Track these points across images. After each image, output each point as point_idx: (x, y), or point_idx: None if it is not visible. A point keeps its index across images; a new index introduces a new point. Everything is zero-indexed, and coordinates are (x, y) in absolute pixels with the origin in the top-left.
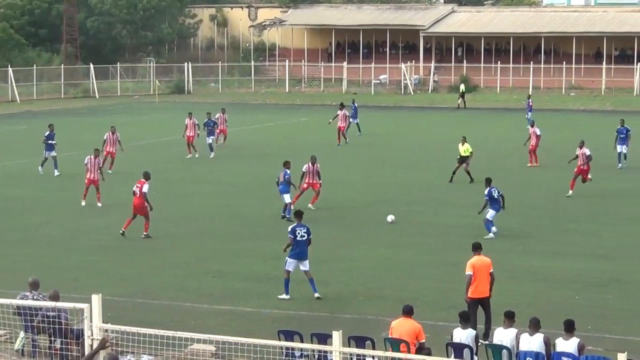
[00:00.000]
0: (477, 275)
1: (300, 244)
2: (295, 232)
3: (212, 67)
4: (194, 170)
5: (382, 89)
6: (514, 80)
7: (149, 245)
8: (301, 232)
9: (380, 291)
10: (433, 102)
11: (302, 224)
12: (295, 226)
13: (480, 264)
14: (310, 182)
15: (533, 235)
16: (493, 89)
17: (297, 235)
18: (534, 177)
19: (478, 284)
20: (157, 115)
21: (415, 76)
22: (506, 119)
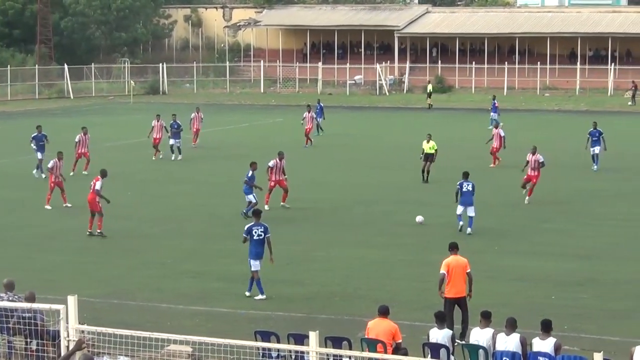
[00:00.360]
0: (452, 274)
1: (258, 243)
2: (251, 232)
3: (187, 67)
4: (170, 171)
5: (357, 90)
6: (488, 80)
7: (125, 246)
8: (258, 231)
9: (357, 291)
10: (408, 103)
11: (260, 223)
12: (252, 225)
13: (456, 264)
14: (277, 180)
15: (509, 235)
16: (468, 90)
17: (253, 235)
18: (509, 178)
19: (454, 284)
20: (132, 116)
21: (390, 76)
22: (481, 120)
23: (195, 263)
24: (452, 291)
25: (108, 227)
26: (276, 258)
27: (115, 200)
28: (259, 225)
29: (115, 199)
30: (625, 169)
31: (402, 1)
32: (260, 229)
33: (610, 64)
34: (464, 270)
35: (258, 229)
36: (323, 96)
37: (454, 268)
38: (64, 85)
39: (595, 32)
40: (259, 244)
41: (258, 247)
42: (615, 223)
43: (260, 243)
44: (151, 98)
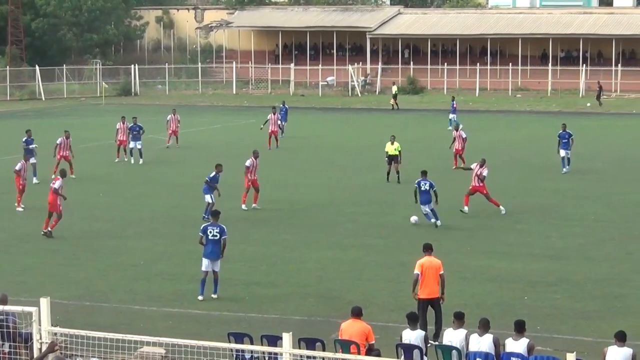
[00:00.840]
0: (425, 275)
1: (212, 243)
2: (206, 231)
3: (159, 68)
4: (141, 173)
5: (330, 91)
6: (460, 81)
7: (97, 248)
8: (213, 231)
9: (330, 292)
10: (380, 104)
11: (217, 224)
12: (208, 225)
13: (429, 265)
14: (252, 179)
15: (481, 236)
16: (440, 90)
17: (208, 234)
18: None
19: (427, 285)
20: (104, 118)
21: (363, 78)
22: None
23: (168, 264)
24: (425, 292)
25: (79, 228)
26: (251, 260)
27: (88, 201)
28: (216, 226)
29: (87, 201)
30: (596, 170)
31: (374, 2)
32: (216, 229)
33: (582, 65)
34: (438, 272)
35: (214, 229)
36: (295, 97)
37: (427, 269)
38: (36, 86)
39: (567, 34)
40: (213, 243)
41: (212, 246)
42: (585, 224)
43: (215, 243)
44: (123, 99)
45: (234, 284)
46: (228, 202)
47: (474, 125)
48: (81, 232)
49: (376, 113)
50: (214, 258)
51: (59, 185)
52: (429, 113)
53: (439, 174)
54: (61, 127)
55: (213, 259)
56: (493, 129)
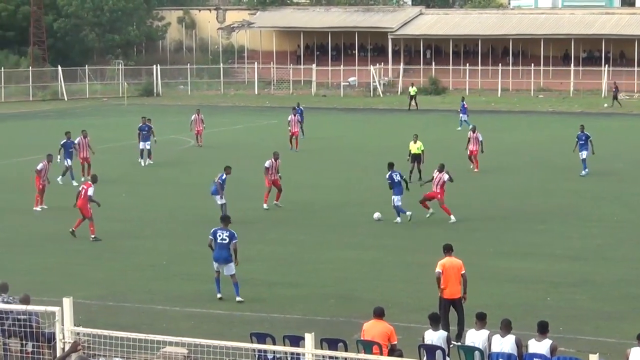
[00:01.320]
0: (447, 275)
1: (220, 247)
2: (215, 235)
3: (181, 69)
4: (162, 173)
5: (352, 91)
6: (482, 82)
7: (118, 248)
8: (222, 235)
9: (351, 293)
10: (402, 104)
11: (226, 229)
12: (218, 229)
13: (450, 265)
14: (273, 179)
15: (503, 237)
16: (462, 91)
17: (217, 238)
18: (501, 180)
19: (449, 285)
20: (126, 118)
21: (385, 78)
22: (475, 121)
23: (189, 265)
24: (447, 292)
25: (101, 229)
26: (271, 259)
27: (108, 202)
28: (225, 230)
29: (109, 201)
30: (616, 171)
31: (396, 3)
32: (226, 233)
33: (604, 65)
34: (459, 272)
35: (223, 233)
36: (317, 98)
37: (448, 269)
38: (58, 87)
39: (589, 34)
40: (221, 247)
41: (220, 250)
42: (605, 224)
43: (223, 247)
44: (145, 100)
45: (256, 284)
46: (248, 202)
47: (496, 125)
48: (102, 232)
49: (398, 113)
50: (222, 262)
51: (92, 192)
52: (450, 113)
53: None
54: (83, 127)
55: (221, 263)
56: (515, 130)
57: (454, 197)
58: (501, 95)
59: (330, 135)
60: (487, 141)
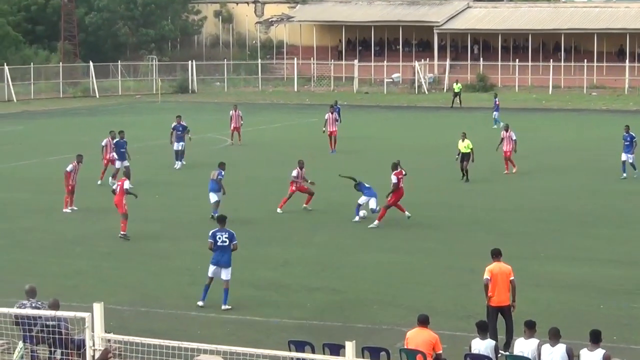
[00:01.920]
0: (495, 282)
1: (220, 249)
2: (215, 237)
3: (217, 65)
4: (197, 173)
5: (395, 88)
6: (532, 79)
7: (151, 251)
8: (222, 237)
9: (394, 299)
10: (449, 102)
11: (225, 229)
12: (217, 231)
13: (499, 271)
14: (299, 187)
15: (554, 241)
16: (511, 88)
17: (217, 240)
18: (549, 180)
19: (497, 292)
20: (160, 116)
21: (430, 75)
22: (525, 120)
23: None
24: (495, 299)
25: (133, 230)
26: (312, 264)
27: (141, 203)
28: (224, 231)
29: (142, 202)
30: None
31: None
32: (225, 234)
33: None
34: (508, 278)
35: (223, 235)
36: (359, 95)
37: (497, 275)
38: (89, 83)
39: None
40: (222, 250)
41: (220, 253)
42: None
43: (224, 249)
44: (180, 97)
45: (295, 290)
46: (289, 205)
47: (547, 124)
48: (134, 234)
49: (444, 111)
50: (223, 265)
51: (128, 185)
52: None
53: (502, 176)
54: (116, 126)
55: (222, 266)
56: (566, 129)
57: (501, 199)
58: (552, 92)
59: (372, 135)
60: (537, 141)
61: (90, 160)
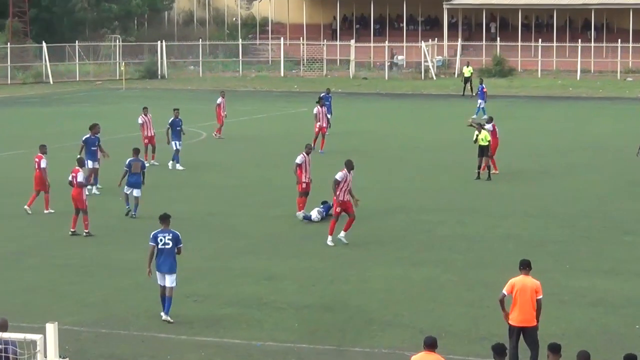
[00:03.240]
0: (517, 298)
1: (163, 253)
2: (157, 239)
3: (191, 46)
4: (172, 173)
5: (398, 73)
6: (558, 62)
7: (117, 263)
8: (165, 239)
9: (396, 318)
10: (460, 89)
11: (168, 230)
12: (158, 232)
13: (522, 286)
14: (308, 180)
15: (582, 250)
16: (533, 73)
17: (159, 243)
18: (578, 180)
19: (519, 309)
20: (124, 105)
21: (438, 57)
22: (548, 110)
23: (201, 284)
24: (517, 318)
25: (95, 240)
26: (303, 277)
27: (107, 208)
28: (167, 232)
29: (108, 207)
30: None
31: None
32: (168, 236)
33: None
34: (533, 295)
35: (165, 236)
36: (356, 81)
37: (520, 290)
38: (42, 67)
39: None
40: (165, 254)
41: (163, 257)
42: None
43: (168, 253)
44: (147, 83)
45: (282, 308)
46: (277, 209)
47: (574, 115)
48: (95, 244)
49: (455, 100)
50: (166, 270)
51: (82, 177)
52: (519, 100)
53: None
54: (72, 117)
55: (165, 272)
56: (597, 120)
57: (521, 202)
58: (581, 77)
59: (372, 127)
60: (563, 135)
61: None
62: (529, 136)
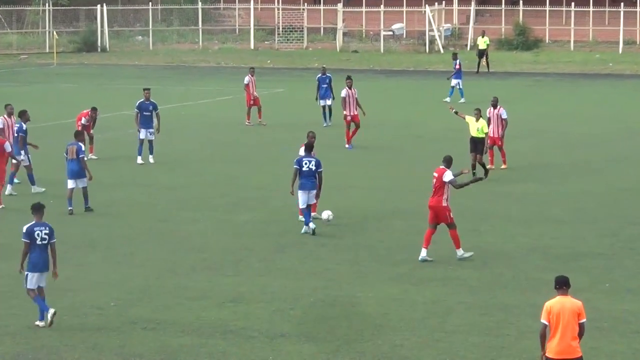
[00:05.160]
0: (556, 325)
1: (39, 250)
2: (32, 234)
3: (138, 11)
4: (117, 171)
5: (397, 45)
6: (595, 31)
7: (48, 283)
8: (42, 233)
9: (395, 351)
10: (472, 64)
11: (44, 223)
12: (34, 226)
13: (561, 309)
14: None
15: (626, 266)
16: (565, 45)
17: (36, 239)
18: (623, 176)
19: (559, 339)
20: (56, 85)
21: (447, 25)
22: (583, 90)
23: (150, 307)
24: (555, 349)
25: (16, 247)
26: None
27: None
28: (42, 225)
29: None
30: None
31: None
32: (45, 230)
33: None
34: (576, 319)
35: (42, 230)
36: (345, 55)
37: (557, 315)
38: None
39: None
40: (40, 250)
41: (39, 253)
42: None
43: (43, 249)
44: (85, 57)
45: (251, 337)
46: (246, 214)
47: (615, 96)
48: (16, 253)
49: (468, 78)
50: (42, 268)
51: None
52: (547, 79)
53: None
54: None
55: (41, 269)
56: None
57: (547, 205)
58: (624, 50)
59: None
60: (601, 120)
61: None
62: (558, 123)
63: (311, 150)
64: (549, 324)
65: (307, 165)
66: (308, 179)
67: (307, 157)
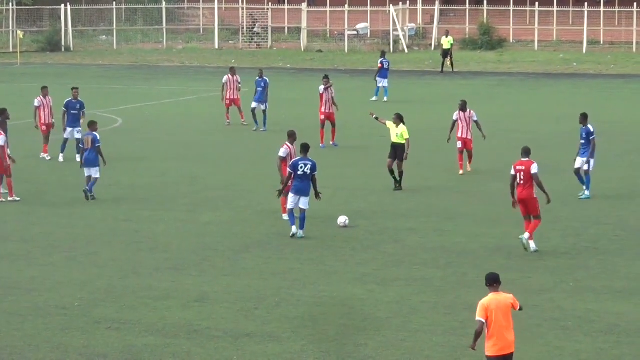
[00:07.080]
0: (493, 321)
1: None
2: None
3: (103, 11)
4: (80, 170)
5: (361, 45)
6: (559, 31)
7: (11, 283)
8: (305, 167)
9: (359, 351)
10: (437, 64)
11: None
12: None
13: (496, 306)
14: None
15: (589, 265)
16: (529, 45)
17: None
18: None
19: (498, 335)
20: (20, 85)
21: (411, 25)
22: (547, 90)
23: (115, 307)
24: (495, 346)
25: None
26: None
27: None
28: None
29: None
30: None
31: None
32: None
33: None
34: (510, 312)
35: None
36: (309, 55)
37: (494, 312)
38: None
39: None
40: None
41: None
42: None
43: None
44: (49, 57)
45: (216, 337)
46: (209, 213)
47: (580, 96)
48: None
49: (430, 78)
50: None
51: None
52: (511, 78)
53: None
54: None
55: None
56: (608, 103)
57: (499, 203)
58: (588, 50)
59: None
60: (566, 122)
61: None
62: (523, 122)
63: (307, 151)
64: (486, 321)
65: (303, 169)
66: (302, 181)
67: (304, 160)
